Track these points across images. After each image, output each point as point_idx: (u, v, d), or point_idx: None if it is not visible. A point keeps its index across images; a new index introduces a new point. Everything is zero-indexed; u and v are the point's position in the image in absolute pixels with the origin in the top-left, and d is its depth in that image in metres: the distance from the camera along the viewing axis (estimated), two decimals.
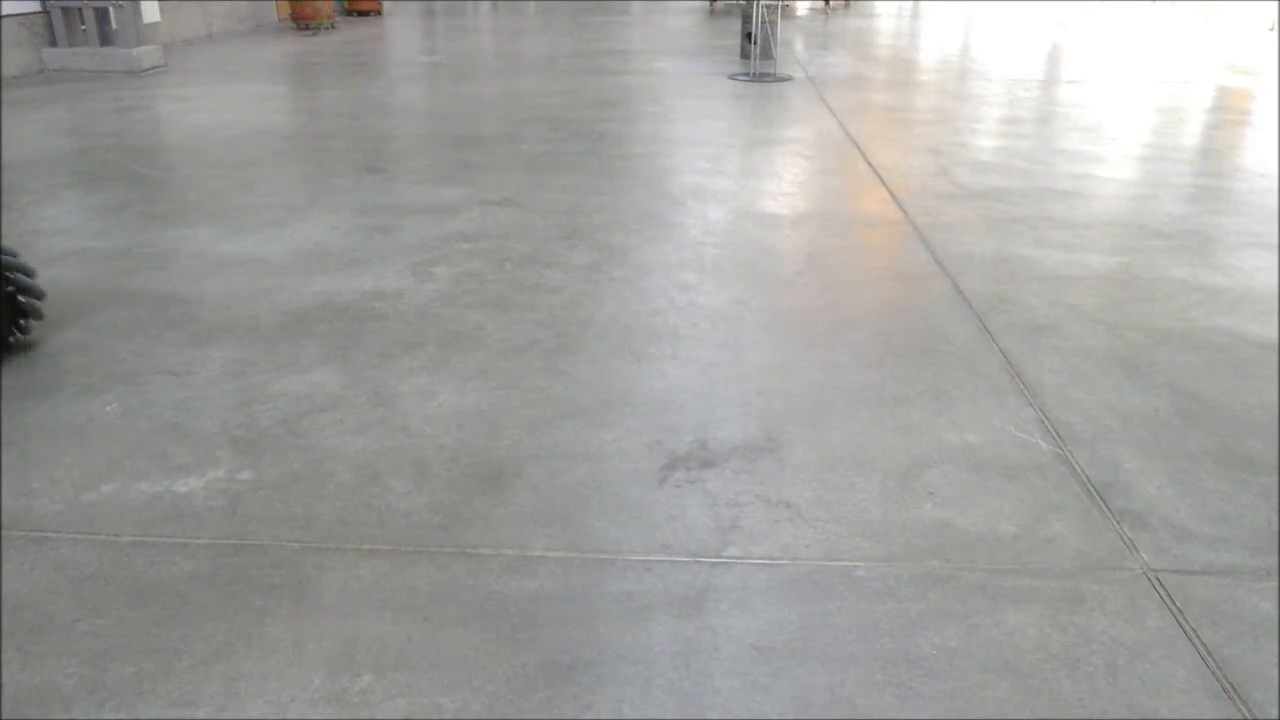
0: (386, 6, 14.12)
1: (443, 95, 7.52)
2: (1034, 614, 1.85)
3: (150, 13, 8.83)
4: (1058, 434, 2.51)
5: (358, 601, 1.86)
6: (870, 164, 5.37)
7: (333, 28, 11.77)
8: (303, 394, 2.66)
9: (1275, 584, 1.94)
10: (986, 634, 1.80)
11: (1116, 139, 6.16)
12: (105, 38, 8.46)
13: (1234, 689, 1.68)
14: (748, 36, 8.87)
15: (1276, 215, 4.50)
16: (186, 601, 1.85)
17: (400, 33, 12.01)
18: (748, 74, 8.37)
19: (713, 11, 14.97)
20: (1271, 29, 12.68)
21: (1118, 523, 2.14)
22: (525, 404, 2.61)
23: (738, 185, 4.89)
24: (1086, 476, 2.32)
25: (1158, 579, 1.96)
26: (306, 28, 11.59)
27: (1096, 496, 2.24)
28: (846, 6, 16.56)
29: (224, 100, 7.07)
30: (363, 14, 13.33)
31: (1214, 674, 1.71)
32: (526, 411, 2.57)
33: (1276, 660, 1.74)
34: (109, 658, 1.71)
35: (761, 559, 2.00)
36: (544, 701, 1.63)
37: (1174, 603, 1.89)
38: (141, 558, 1.97)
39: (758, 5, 8.60)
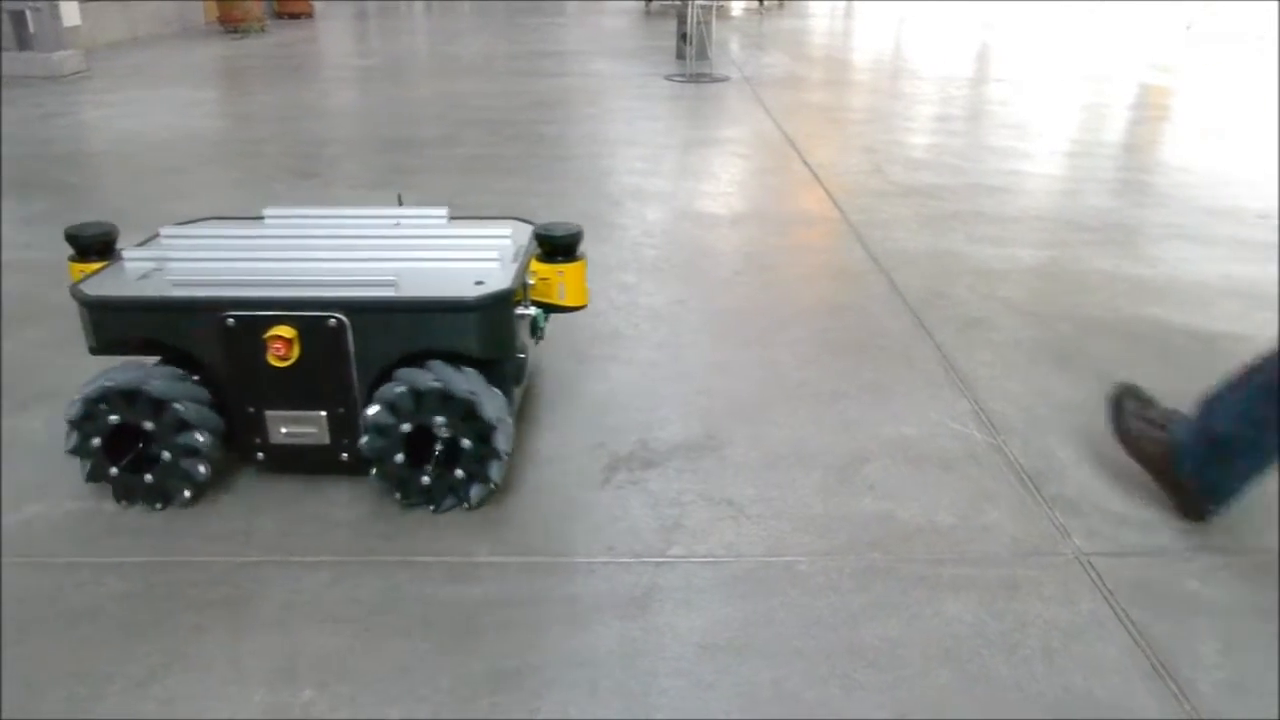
0: (318, 9, 13.91)
1: (377, 98, 7.44)
2: (972, 602, 1.89)
3: (70, 15, 8.58)
4: (992, 424, 2.56)
5: (298, 615, 1.83)
6: (806, 163, 5.43)
7: (263, 30, 11.57)
8: None
9: (1200, 563, 2.01)
10: (927, 623, 1.83)
11: (1043, 135, 6.31)
12: (23, 42, 8.21)
13: (1163, 665, 1.73)
14: (683, 37, 8.91)
15: (1197, 208, 4.64)
16: (120, 622, 1.80)
17: (333, 35, 11.85)
18: (684, 75, 8.41)
19: (648, 12, 15.01)
20: (1189, 28, 13.09)
21: (1050, 509, 2.20)
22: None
23: (675, 186, 4.92)
24: (1020, 465, 2.37)
25: (1089, 562, 2.01)
26: (235, 31, 11.37)
27: (1030, 484, 2.29)
28: (781, 7, 16.72)
29: (151, 105, 6.91)
30: (294, 16, 13.11)
31: (1144, 652, 1.76)
32: None
33: (1201, 635, 1.80)
34: (39, 684, 1.66)
35: (705, 557, 2.01)
36: (489, 707, 1.62)
37: (1105, 585, 1.94)
38: (70, 579, 1.92)
39: (692, 6, 8.65)
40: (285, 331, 2.03)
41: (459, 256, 2.22)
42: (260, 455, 2.20)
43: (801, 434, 2.50)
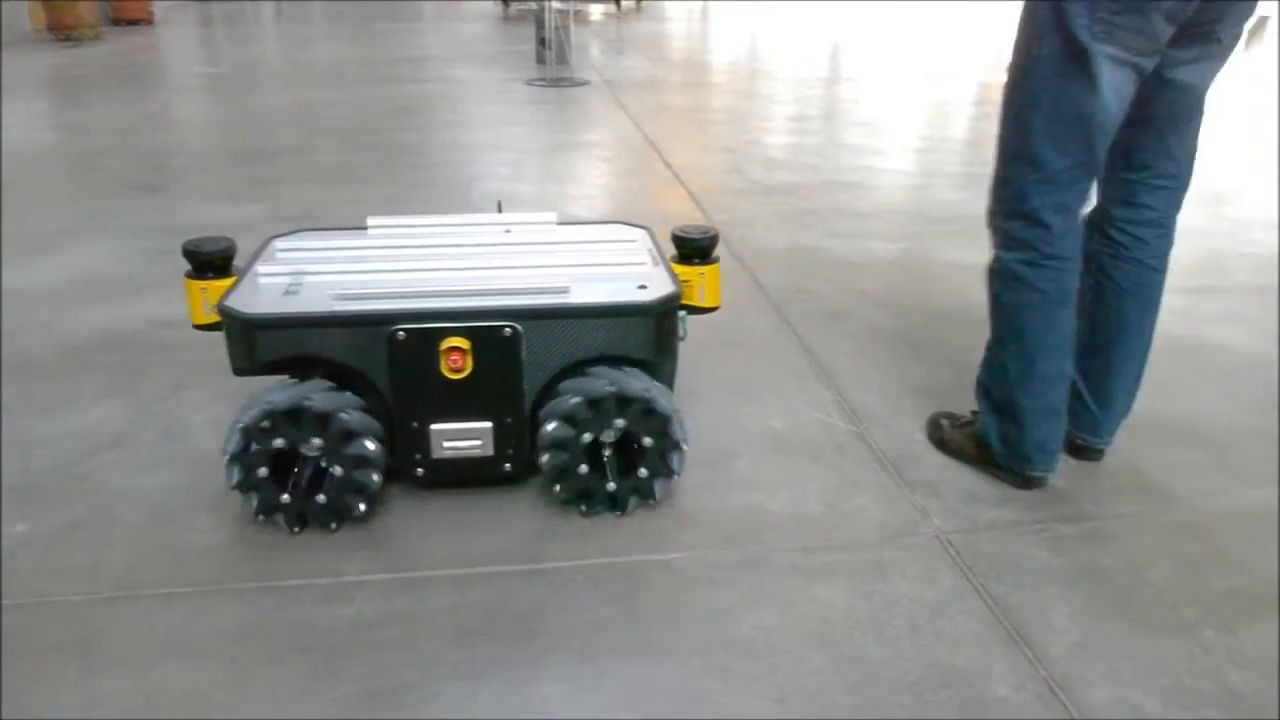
0: (159, 15, 13.26)
1: (227, 108, 7.15)
2: (842, 586, 1.96)
3: None
4: (855, 413, 2.65)
5: (156, 652, 1.74)
6: (668, 164, 5.50)
7: (98, 38, 10.95)
8: (84, 433, 2.47)
9: (1049, 533, 2.13)
10: (800, 610, 1.88)
11: (893, 132, 6.57)
12: None
13: (1018, 633, 1.83)
14: (542, 42, 8.89)
15: None
16: None
17: (176, 43, 11.33)
18: (544, 79, 8.40)
19: (506, 17, 14.91)
20: None
21: (911, 493, 2.29)
22: None
23: (540, 190, 4.90)
24: (882, 451, 2.47)
25: (948, 540, 2.11)
26: (67, 38, 10.72)
27: (892, 469, 2.38)
28: (639, 10, 16.88)
29: None
30: (131, 23, 12.45)
31: (1001, 622, 1.86)
32: None
33: (1051, 602, 1.91)
34: None
35: (581, 559, 2.02)
36: None
37: (963, 561, 2.03)
38: None
39: (550, 11, 8.64)
40: (461, 343, 2.00)
41: (609, 261, 2.27)
42: (420, 471, 2.15)
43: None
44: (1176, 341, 3.14)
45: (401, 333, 1.99)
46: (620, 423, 2.07)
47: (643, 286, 2.15)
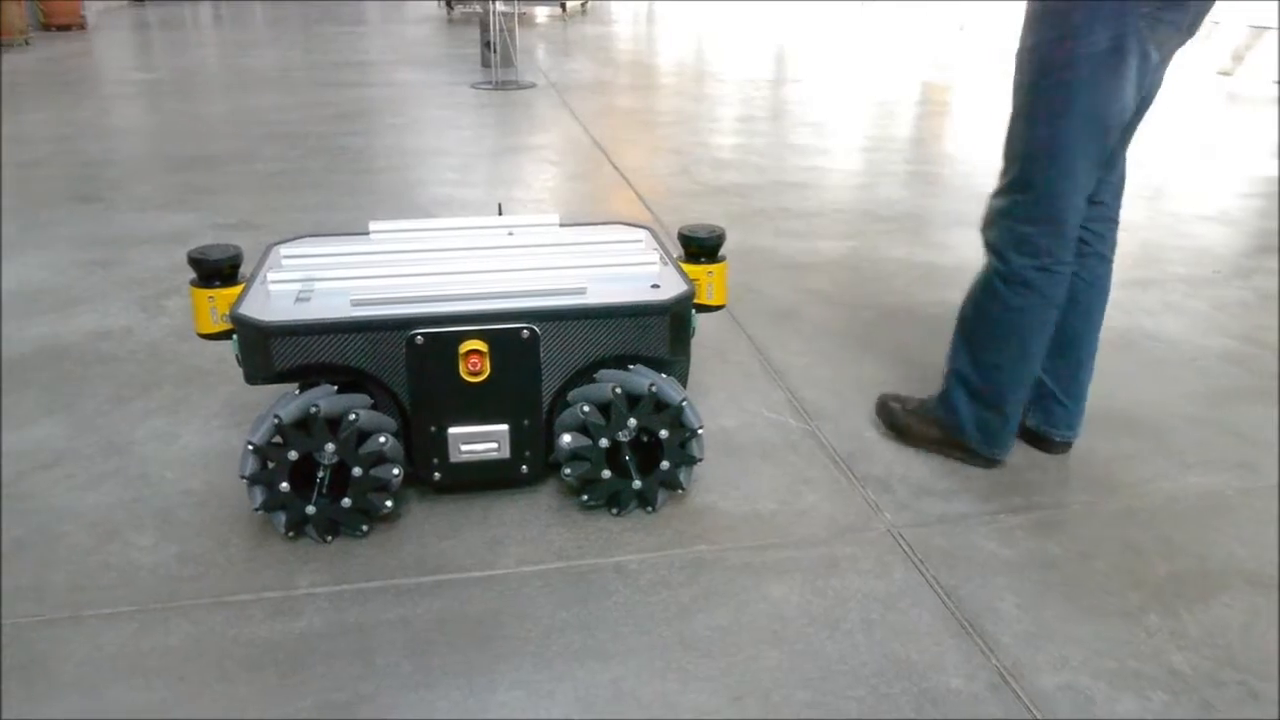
0: (92, 20, 12.97)
1: (165, 114, 7.00)
2: (796, 583, 1.97)
3: None
4: (805, 411, 2.67)
5: (103, 673, 1.70)
6: (616, 166, 5.50)
7: (27, 44, 10.68)
8: (24, 451, 2.40)
9: (997, 524, 2.17)
10: (755, 608, 1.89)
11: (838, 132, 6.64)
12: None
13: (970, 624, 1.85)
14: (487, 45, 8.85)
15: (976, 195, 5.00)
16: None
17: (111, 48, 11.07)
18: (490, 82, 8.36)
19: (450, 20, 14.82)
20: (961, 28, 14.09)
21: (863, 488, 2.32)
22: None
23: (488, 194, 4.87)
24: (833, 448, 2.49)
25: (900, 535, 2.13)
26: None
27: (843, 466, 2.41)
28: (584, 13, 16.88)
29: None
30: (63, 28, 12.16)
31: (953, 614, 1.88)
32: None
33: (1001, 592, 1.94)
34: None
35: (535, 564, 2.01)
36: None
37: (915, 554, 2.06)
38: None
39: (494, 14, 8.61)
40: (480, 345, 2.02)
41: (620, 261, 2.28)
42: (437, 476, 2.14)
43: None
44: (1117, 334, 3.21)
45: (420, 337, 1.99)
46: (633, 422, 2.10)
47: (656, 286, 2.19)
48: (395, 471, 2.03)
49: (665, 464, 2.14)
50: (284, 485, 1.97)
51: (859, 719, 1.63)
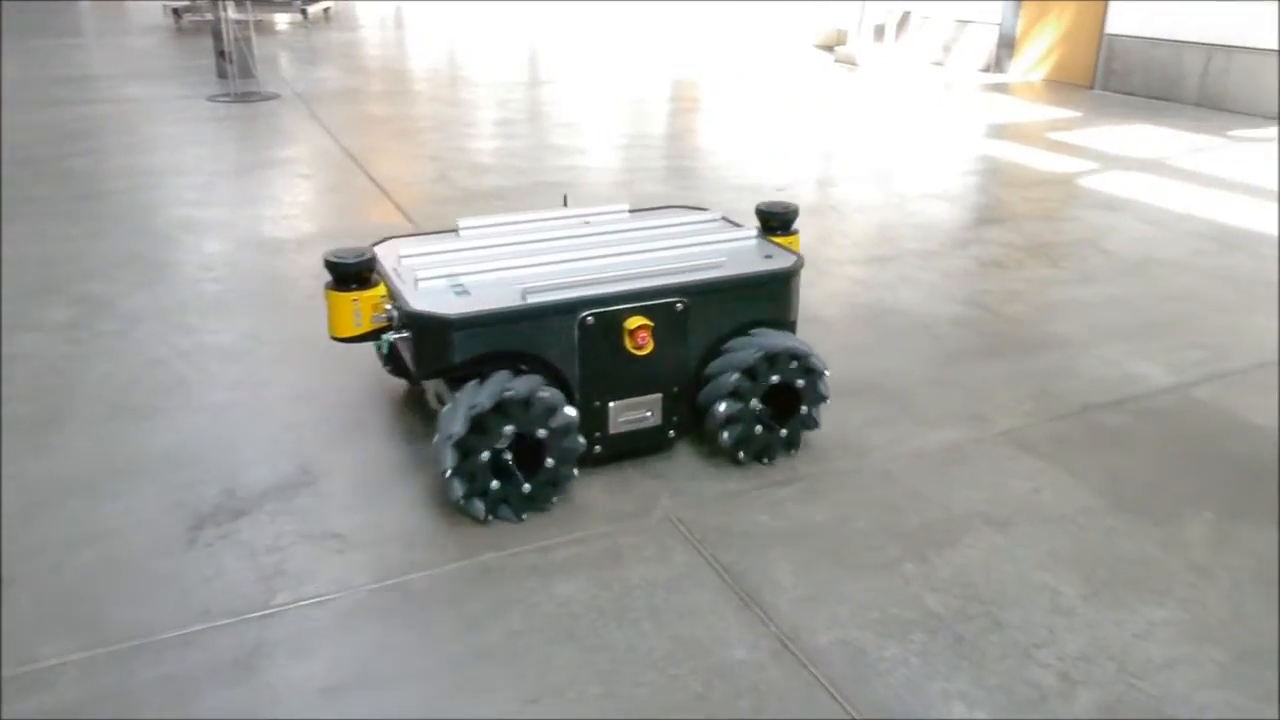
0: None
1: None
2: (582, 579, 1.99)
3: None
4: None
5: None
6: (371, 177, 5.34)
7: None
8: None
9: (766, 498, 2.28)
10: (545, 609, 1.90)
11: (594, 131, 6.74)
12: None
13: (749, 597, 1.94)
14: (222, 54, 8.34)
15: (728, 186, 5.23)
16: None
17: None
18: (228, 94, 7.89)
19: (180, 29, 13.85)
20: (707, 28, 14.65)
21: (641, 477, 2.37)
22: (14, 495, 2.24)
23: (234, 213, 4.60)
24: None
25: (678, 518, 2.20)
26: None
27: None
28: (328, 19, 16.24)
29: None
30: None
31: (732, 589, 1.96)
32: (14, 501, 2.21)
33: (776, 562, 2.04)
34: None
35: (314, 598, 1.92)
36: None
37: (693, 535, 2.13)
38: None
39: (227, 22, 8.13)
40: (646, 321, 2.19)
41: (723, 238, 2.55)
42: (598, 449, 2.30)
43: (400, 453, 2.46)
44: (864, 308, 3.46)
45: (590, 317, 2.16)
46: (776, 378, 2.31)
47: (769, 256, 2.45)
48: (581, 440, 2.18)
49: (804, 408, 2.37)
50: (484, 473, 2.07)
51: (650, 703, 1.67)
